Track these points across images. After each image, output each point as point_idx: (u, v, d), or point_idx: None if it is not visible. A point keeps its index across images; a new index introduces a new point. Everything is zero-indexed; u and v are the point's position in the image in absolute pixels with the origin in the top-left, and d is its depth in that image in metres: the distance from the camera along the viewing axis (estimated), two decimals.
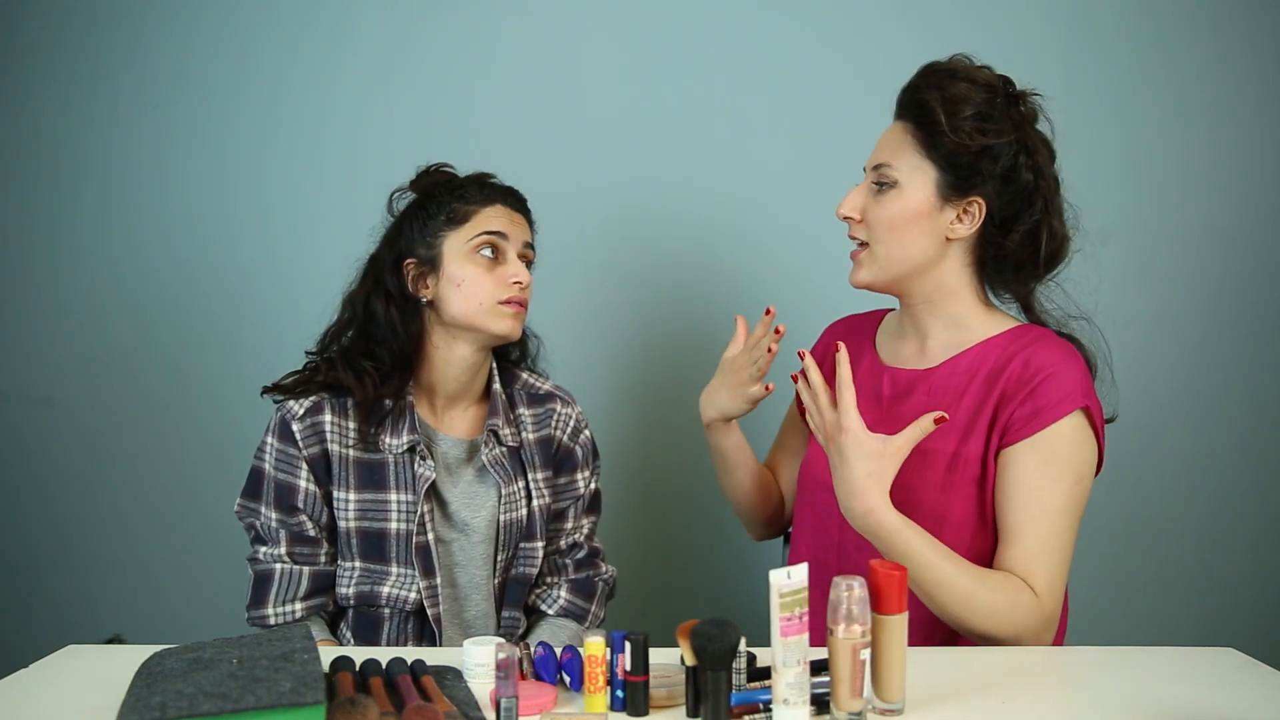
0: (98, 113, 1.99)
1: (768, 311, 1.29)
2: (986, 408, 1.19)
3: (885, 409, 1.27)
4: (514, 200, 1.40)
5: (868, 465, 1.08)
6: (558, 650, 0.99)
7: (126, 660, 0.97)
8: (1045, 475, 1.14)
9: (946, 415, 1.09)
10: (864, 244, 1.25)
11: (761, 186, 1.92)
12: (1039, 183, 1.21)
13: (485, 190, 1.38)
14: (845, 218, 1.25)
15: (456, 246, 1.34)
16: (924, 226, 1.21)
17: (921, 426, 1.09)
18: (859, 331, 1.40)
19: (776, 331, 1.28)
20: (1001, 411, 1.17)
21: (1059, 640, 1.22)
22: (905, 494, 1.16)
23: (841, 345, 1.16)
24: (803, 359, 1.18)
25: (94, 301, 2.00)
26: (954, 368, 1.23)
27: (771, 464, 1.48)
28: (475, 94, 1.94)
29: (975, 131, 1.17)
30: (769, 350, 1.30)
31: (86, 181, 2.00)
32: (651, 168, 1.94)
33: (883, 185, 1.22)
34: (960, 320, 1.25)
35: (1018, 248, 1.22)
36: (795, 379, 1.22)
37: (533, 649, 1.00)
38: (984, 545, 1.19)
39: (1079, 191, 1.86)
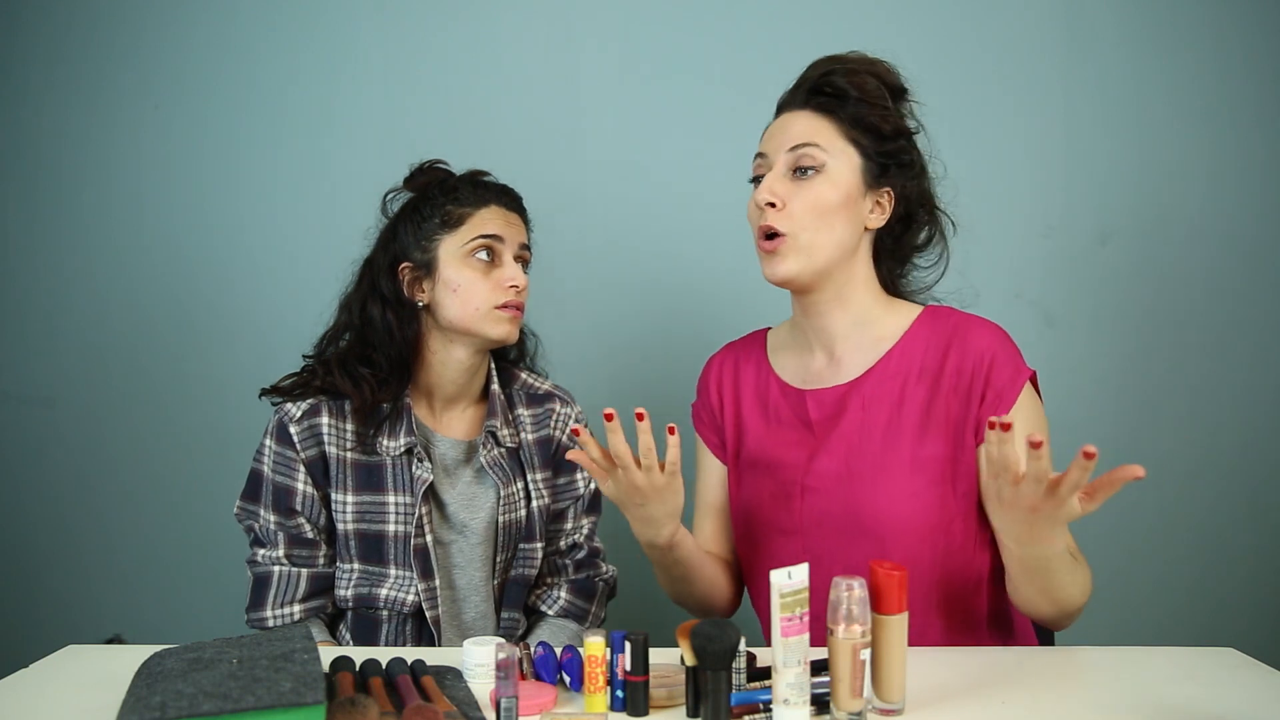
0: (98, 113, 1.99)
1: (639, 416, 1.03)
2: (938, 406, 1.15)
3: (819, 434, 1.20)
4: (509, 200, 1.38)
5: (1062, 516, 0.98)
6: (558, 650, 0.99)
7: (126, 660, 0.97)
8: None
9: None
10: (779, 235, 1.15)
11: None
12: (927, 182, 1.24)
13: (480, 191, 1.36)
14: (767, 205, 1.16)
15: (452, 250, 1.33)
16: (849, 214, 1.17)
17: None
18: (749, 357, 1.30)
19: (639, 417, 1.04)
20: (965, 408, 1.14)
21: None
22: (862, 508, 1.14)
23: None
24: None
25: (94, 301, 2.00)
26: (883, 374, 1.19)
27: (706, 533, 1.31)
28: (475, 94, 1.94)
29: (895, 114, 1.19)
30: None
31: (87, 181, 2.00)
32: (650, 167, 1.93)
33: (807, 170, 1.16)
34: (866, 314, 1.22)
35: (913, 242, 1.25)
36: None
37: (533, 649, 1.00)
38: (948, 548, 1.15)
39: (1079, 191, 1.86)
